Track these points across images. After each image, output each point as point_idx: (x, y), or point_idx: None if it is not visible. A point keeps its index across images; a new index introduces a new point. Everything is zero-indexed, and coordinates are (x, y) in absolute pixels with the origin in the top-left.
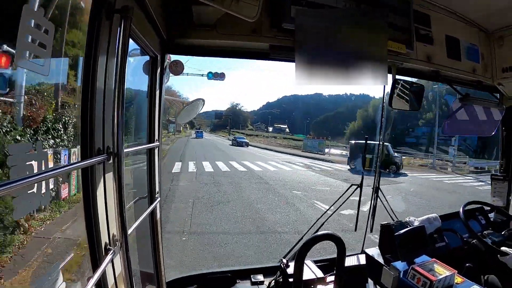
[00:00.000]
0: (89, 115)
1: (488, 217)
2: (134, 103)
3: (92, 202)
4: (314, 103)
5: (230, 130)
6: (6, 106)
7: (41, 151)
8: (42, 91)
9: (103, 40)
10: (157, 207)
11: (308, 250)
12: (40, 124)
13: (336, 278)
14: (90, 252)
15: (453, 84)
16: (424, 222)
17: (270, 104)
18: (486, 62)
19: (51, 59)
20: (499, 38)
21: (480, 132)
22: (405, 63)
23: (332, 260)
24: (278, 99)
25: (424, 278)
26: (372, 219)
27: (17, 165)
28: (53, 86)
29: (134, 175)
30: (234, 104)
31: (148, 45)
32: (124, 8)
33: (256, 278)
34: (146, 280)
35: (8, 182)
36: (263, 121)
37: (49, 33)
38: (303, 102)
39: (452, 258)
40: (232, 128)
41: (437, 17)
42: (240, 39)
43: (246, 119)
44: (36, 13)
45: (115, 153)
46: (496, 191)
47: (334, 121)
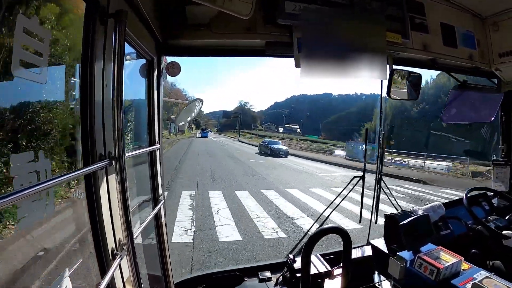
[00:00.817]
0: (89, 121)
1: (492, 203)
2: (133, 106)
3: (97, 208)
4: (324, 102)
5: (240, 130)
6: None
7: (43, 159)
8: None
9: (99, 45)
10: (162, 210)
11: (314, 244)
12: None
13: (343, 271)
14: (97, 257)
15: (450, 71)
16: (428, 211)
17: (279, 104)
18: (483, 48)
19: (48, 67)
20: (494, 23)
21: (479, 119)
22: (402, 52)
23: (338, 253)
24: (286, 99)
25: (431, 266)
26: (376, 210)
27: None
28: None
29: (137, 179)
30: (242, 103)
31: (143, 48)
32: (118, 12)
33: (263, 275)
34: (154, 282)
35: (12, 193)
36: (272, 121)
37: (45, 41)
38: (312, 102)
39: (458, 245)
40: (241, 128)
41: (431, 5)
42: (235, 37)
43: (255, 119)
44: (31, 21)
45: (117, 158)
46: (498, 176)
47: (346, 121)
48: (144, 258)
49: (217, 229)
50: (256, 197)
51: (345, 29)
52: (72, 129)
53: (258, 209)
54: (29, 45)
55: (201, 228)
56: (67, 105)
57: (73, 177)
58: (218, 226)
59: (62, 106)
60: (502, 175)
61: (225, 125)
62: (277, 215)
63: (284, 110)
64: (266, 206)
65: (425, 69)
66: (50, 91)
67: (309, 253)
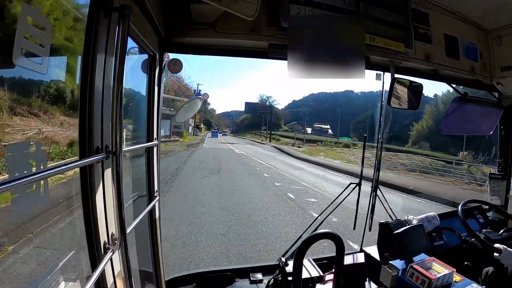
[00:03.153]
0: (88, 113)
1: (487, 216)
2: (132, 101)
3: (91, 201)
4: (346, 100)
5: (269, 132)
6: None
7: (39, 150)
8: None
9: (101, 39)
10: (156, 206)
11: (307, 248)
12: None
13: (335, 277)
14: (89, 250)
15: (452, 83)
16: (422, 221)
17: (297, 103)
18: (485, 61)
19: (49, 58)
20: (498, 37)
21: (478, 132)
22: (404, 61)
23: (331, 259)
24: (304, 97)
25: (423, 276)
26: (371, 217)
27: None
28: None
29: (133, 174)
30: (264, 97)
31: (146, 43)
32: (123, 6)
33: (255, 277)
34: (145, 278)
35: (6, 181)
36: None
37: (47, 31)
38: (332, 100)
39: (451, 257)
40: (260, 128)
41: (436, 16)
42: (239, 37)
43: (279, 117)
44: (34, 11)
45: (114, 152)
46: (494, 190)
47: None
48: (136, 254)
49: None
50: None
51: (331, 35)
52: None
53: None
54: (31, 35)
55: None
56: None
57: (69, 169)
58: None
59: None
60: (498, 189)
61: (242, 126)
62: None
63: (303, 108)
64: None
65: (427, 79)
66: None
67: (301, 257)
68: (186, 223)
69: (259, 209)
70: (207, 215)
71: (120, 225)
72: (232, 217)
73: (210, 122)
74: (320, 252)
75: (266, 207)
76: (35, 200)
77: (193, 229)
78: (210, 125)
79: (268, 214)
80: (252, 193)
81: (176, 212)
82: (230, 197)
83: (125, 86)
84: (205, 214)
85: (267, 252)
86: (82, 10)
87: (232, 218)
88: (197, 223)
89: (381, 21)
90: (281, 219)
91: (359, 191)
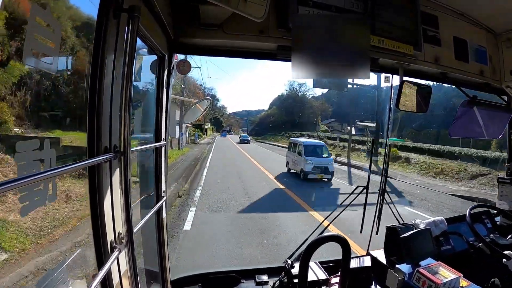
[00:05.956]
0: (97, 113)
1: (495, 221)
2: (141, 102)
3: (99, 200)
4: (373, 96)
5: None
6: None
7: (48, 149)
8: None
9: (111, 39)
10: (163, 206)
11: (313, 251)
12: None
13: (341, 280)
14: (95, 249)
15: (461, 86)
16: (430, 225)
17: (317, 98)
18: (494, 64)
19: (59, 58)
20: (507, 39)
21: (486, 135)
22: (413, 64)
23: (337, 262)
24: (322, 94)
25: (429, 281)
26: (377, 221)
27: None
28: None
29: (140, 174)
30: (294, 85)
31: (155, 44)
32: (132, 7)
33: (260, 278)
34: (151, 278)
35: (15, 179)
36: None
37: (57, 31)
38: (358, 95)
39: (458, 262)
40: (289, 130)
41: (445, 18)
42: (247, 39)
43: (315, 113)
44: (44, 12)
45: (122, 152)
46: (502, 195)
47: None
48: (142, 253)
49: None
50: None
51: (335, 36)
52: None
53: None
54: (41, 36)
55: None
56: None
57: (77, 168)
58: None
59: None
60: (507, 194)
61: (263, 125)
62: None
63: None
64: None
65: (435, 82)
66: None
67: (307, 260)
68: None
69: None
70: None
71: (127, 225)
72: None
73: (220, 122)
74: (329, 255)
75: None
76: (44, 197)
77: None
78: (220, 125)
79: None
80: None
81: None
82: None
83: (134, 86)
84: None
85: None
86: (91, 11)
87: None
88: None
89: (389, 24)
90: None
91: (367, 194)
